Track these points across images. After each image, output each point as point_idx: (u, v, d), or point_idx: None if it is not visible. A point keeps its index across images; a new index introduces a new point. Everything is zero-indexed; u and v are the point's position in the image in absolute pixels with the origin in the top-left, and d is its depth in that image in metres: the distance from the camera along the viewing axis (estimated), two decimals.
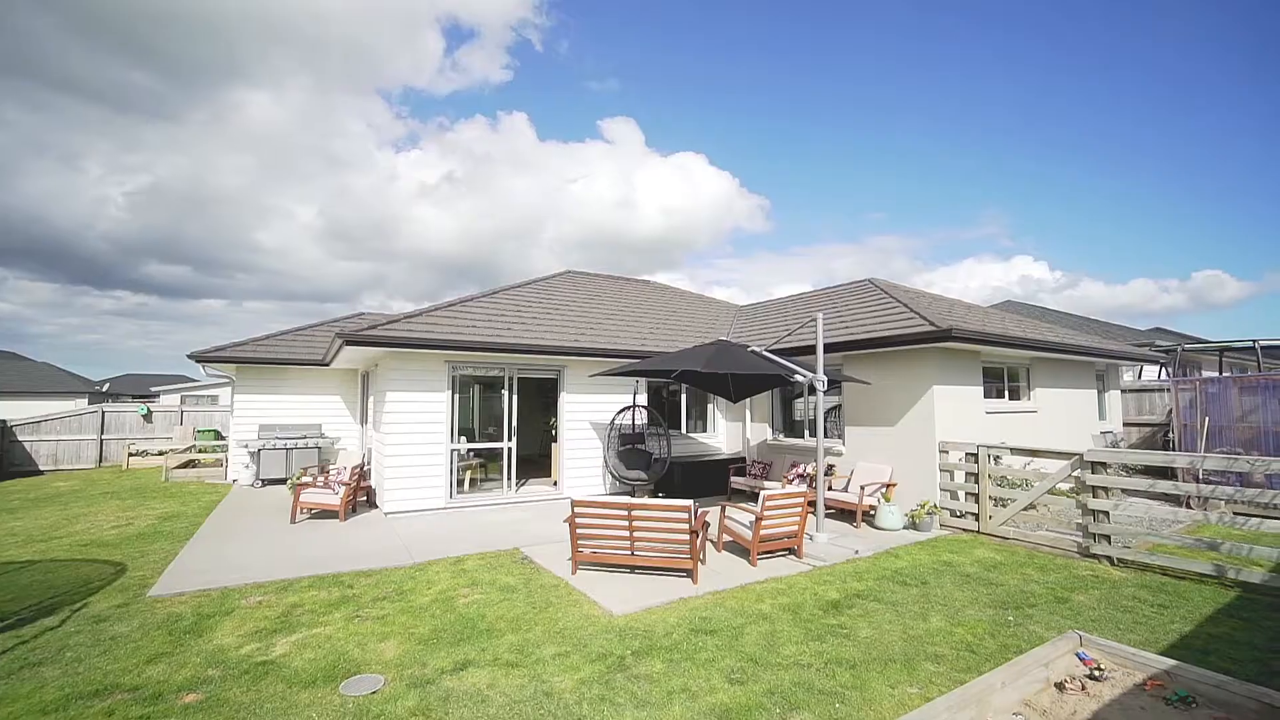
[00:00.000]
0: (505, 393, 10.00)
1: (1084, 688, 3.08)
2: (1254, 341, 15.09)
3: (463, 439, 9.84)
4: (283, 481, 11.77)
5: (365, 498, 9.72)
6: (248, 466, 12.13)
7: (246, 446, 11.75)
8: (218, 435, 20.41)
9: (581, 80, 51.55)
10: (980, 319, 10.64)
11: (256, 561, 6.50)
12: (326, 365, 12.19)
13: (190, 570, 6.20)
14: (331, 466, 10.57)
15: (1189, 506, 9.06)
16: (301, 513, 8.68)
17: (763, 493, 6.55)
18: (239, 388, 12.54)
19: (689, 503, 5.81)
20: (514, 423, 9.99)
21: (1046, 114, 43.76)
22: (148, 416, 18.77)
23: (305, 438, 12.11)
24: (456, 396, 9.62)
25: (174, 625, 4.76)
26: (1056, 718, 2.85)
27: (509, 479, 10.07)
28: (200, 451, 16.14)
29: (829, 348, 8.69)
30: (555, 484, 10.76)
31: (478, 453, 10.55)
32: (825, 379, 7.77)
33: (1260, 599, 5.31)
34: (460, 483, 9.80)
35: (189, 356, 11.85)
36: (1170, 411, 11.91)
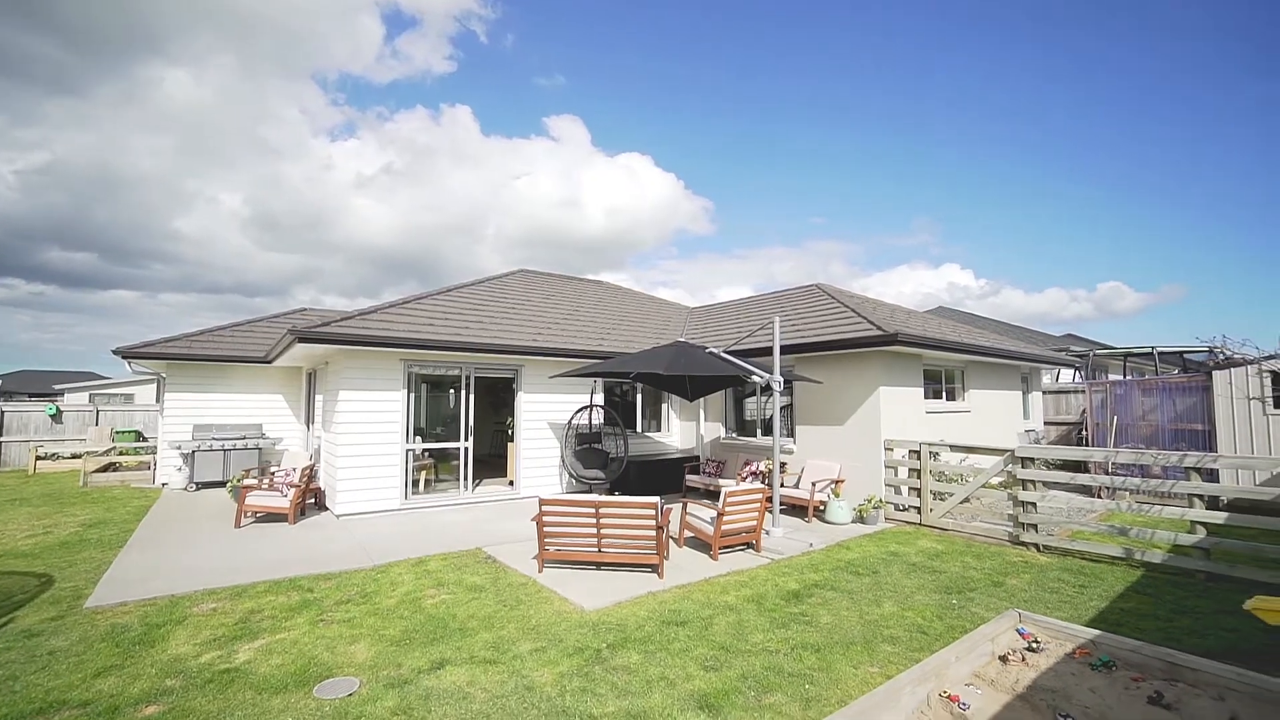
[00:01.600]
0: (463, 392, 9.87)
1: (1024, 659, 3.43)
2: (1153, 348, 16.70)
3: (418, 439, 9.65)
4: (220, 485, 11.17)
5: (314, 500, 9.38)
6: (180, 469, 11.43)
7: (179, 448, 11.08)
8: (139, 436, 19.09)
9: (528, 75, 50.76)
10: (920, 324, 11.32)
11: (204, 567, 6.20)
12: (269, 363, 11.64)
13: (130, 579, 5.85)
14: (274, 468, 10.12)
15: (1100, 496, 9.97)
16: (246, 516, 8.29)
17: (724, 489, 6.78)
18: (170, 386, 11.80)
19: (656, 499, 5.97)
20: (471, 422, 9.87)
21: (977, 126, 46.61)
22: (57, 416, 17.34)
23: (245, 438, 11.53)
24: (412, 396, 9.43)
25: (120, 636, 4.51)
26: (1002, 686, 3.16)
27: (466, 479, 9.94)
28: (122, 454, 15.05)
29: (782, 350, 9.06)
30: (512, 484, 10.71)
31: (433, 453, 10.35)
32: (781, 379, 8.11)
33: (1161, 576, 5.97)
34: (415, 483, 9.61)
35: (115, 352, 11.05)
36: (1084, 411, 13.02)
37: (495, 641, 4.37)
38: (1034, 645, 3.58)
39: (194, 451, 11.04)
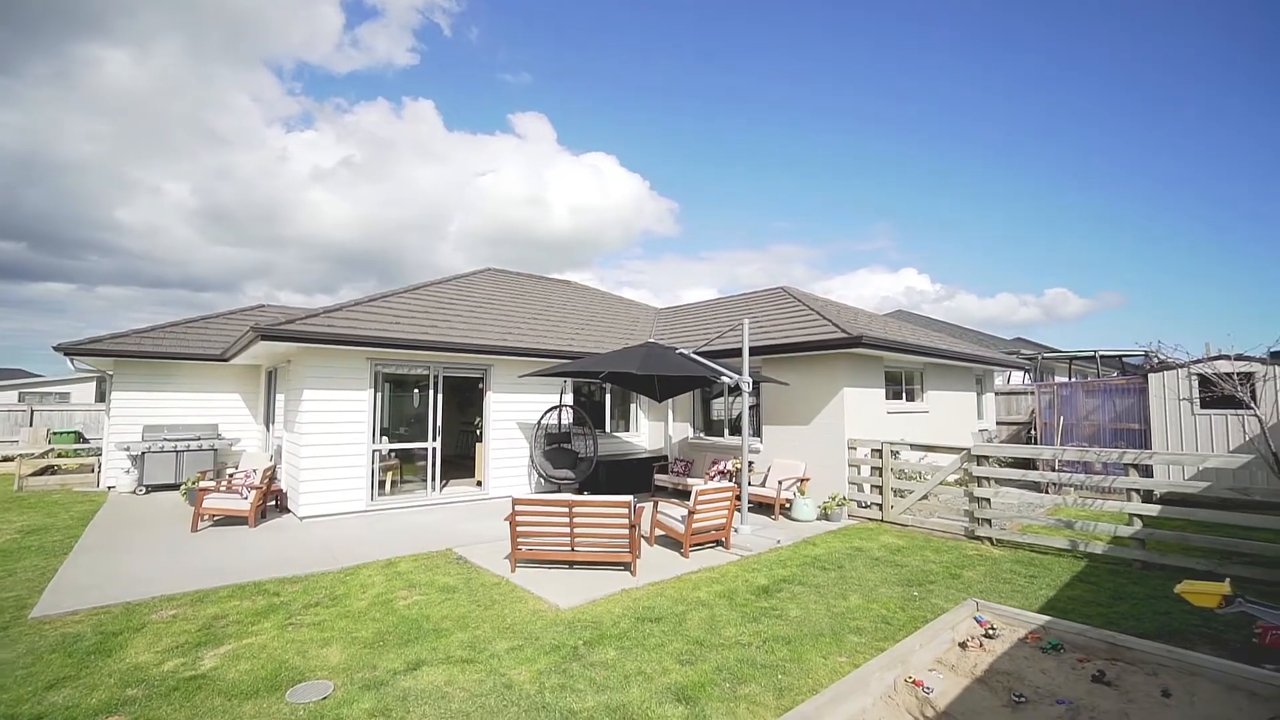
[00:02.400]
0: (431, 391, 9.74)
1: (982, 645, 3.64)
2: (1095, 351, 17.65)
3: (384, 439, 9.48)
4: (173, 487, 10.73)
5: (275, 502, 9.12)
6: (128, 472, 10.93)
7: (127, 450, 10.59)
8: (80, 437, 18.16)
9: (493, 71, 49.96)
10: (882, 327, 11.71)
11: (160, 573, 5.98)
12: (226, 361, 11.24)
13: (79, 586, 5.60)
14: (230, 470, 9.80)
15: (1049, 492, 10.50)
16: (204, 519, 8.01)
17: (695, 488, 6.91)
18: (119, 384, 11.26)
19: (629, 498, 6.05)
20: (439, 422, 9.76)
21: (936, 133, 48.20)
22: None
23: (199, 439, 11.10)
24: (379, 395, 9.26)
25: (73, 647, 4.33)
26: (962, 670, 3.36)
27: (433, 480, 9.82)
28: (61, 456, 14.28)
29: (750, 351, 9.25)
30: (480, 484, 10.62)
31: (399, 453, 10.18)
32: (750, 380, 8.30)
33: (1102, 566, 6.37)
34: (381, 484, 9.44)
35: (57, 349, 10.49)
36: (1033, 411, 13.68)
37: (471, 641, 4.38)
38: (990, 632, 3.80)
39: (144, 453, 10.57)
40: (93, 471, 12.11)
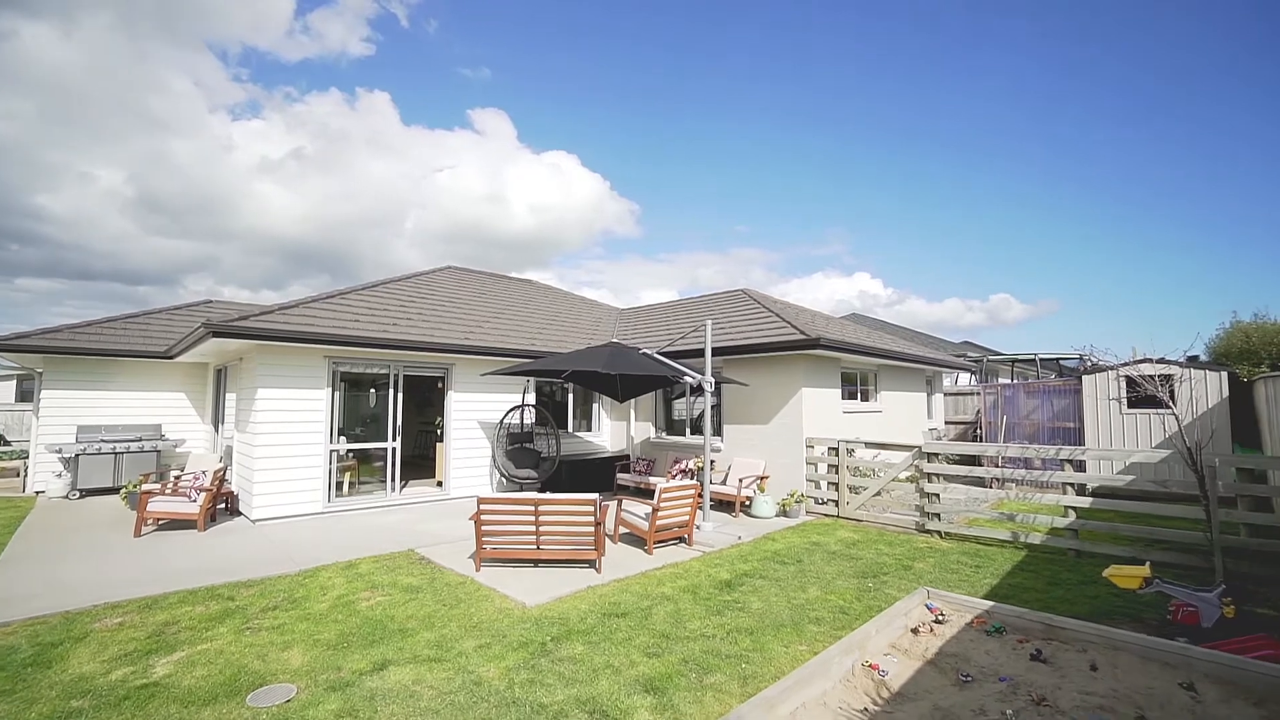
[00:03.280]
0: (391, 391, 9.57)
1: (932, 630, 3.86)
2: (1035, 355, 18.66)
3: (342, 439, 9.25)
4: (112, 491, 10.18)
5: (225, 505, 8.78)
6: (60, 475, 10.31)
7: (59, 451, 10.00)
8: (0, 440, 16.98)
9: (452, 65, 48.85)
10: (839, 329, 12.10)
11: (102, 580, 5.69)
12: (171, 359, 10.74)
13: (9, 596, 5.28)
14: (174, 472, 9.37)
15: (993, 487, 11.07)
16: (148, 524, 7.65)
17: (659, 486, 7.02)
18: (49, 382, 10.61)
19: (594, 496, 6.11)
20: (399, 422, 9.59)
21: (891, 135, 49.68)
22: None
23: (140, 440, 10.57)
24: (337, 394, 9.04)
25: (6, 659, 4.11)
26: (915, 654, 3.56)
27: (393, 480, 9.64)
28: None
29: (712, 352, 9.44)
30: (440, 484, 10.48)
31: (357, 454, 9.95)
32: (713, 380, 8.47)
33: (1041, 555, 6.79)
34: (338, 485, 9.21)
35: None
36: (979, 411, 14.38)
37: (438, 640, 4.36)
38: (940, 618, 4.03)
39: (78, 455, 10.00)
40: (18, 475, 11.37)
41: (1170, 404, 6.31)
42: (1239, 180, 43.89)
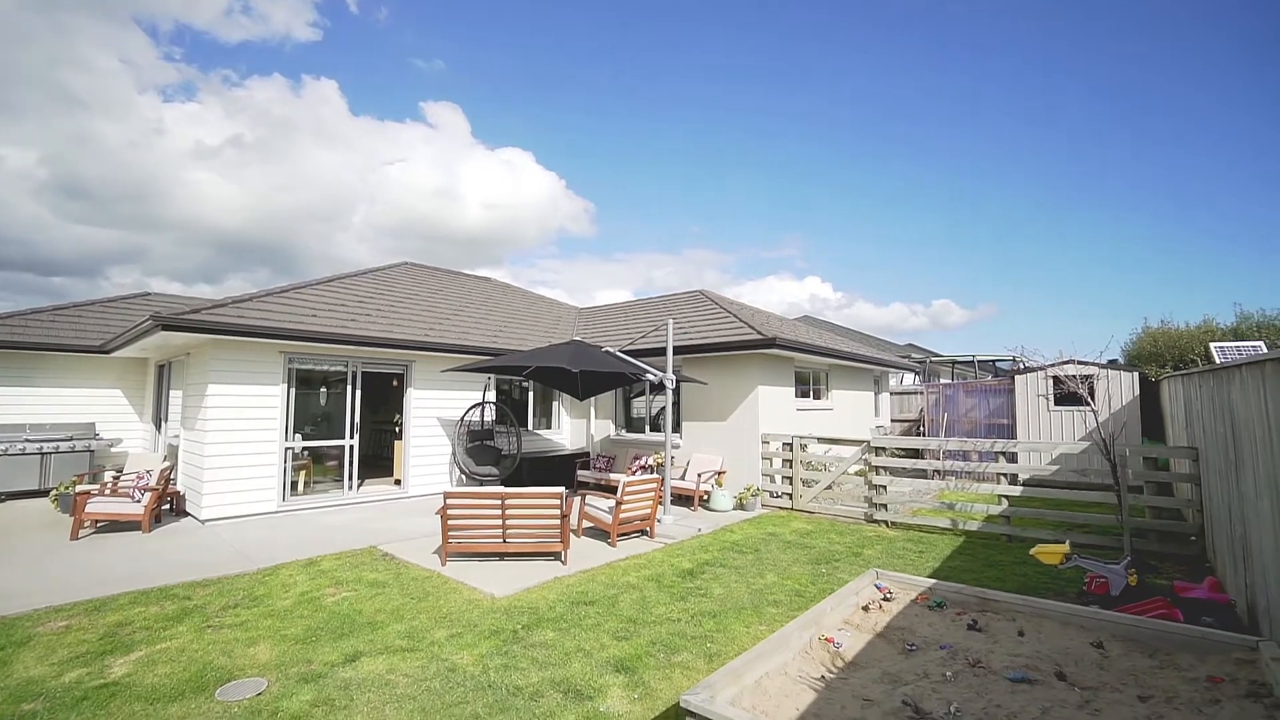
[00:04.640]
0: (349, 387, 9.39)
1: (881, 606, 4.17)
2: (973, 356, 19.78)
3: (297, 437, 9.02)
4: (39, 494, 9.59)
5: (170, 505, 8.43)
6: None
7: None
8: None
9: (403, 55, 47.32)
10: (793, 330, 12.57)
11: (39, 584, 5.43)
12: (108, 354, 10.19)
13: None
14: (111, 472, 8.92)
15: (935, 479, 11.75)
16: (85, 526, 7.29)
17: (623, 480, 7.20)
18: None
19: (561, 489, 6.23)
20: (357, 419, 9.43)
21: (845, 144, 51.15)
22: None
23: (71, 439, 9.98)
24: (292, 391, 8.81)
25: None
26: (866, 628, 3.86)
27: (350, 479, 9.46)
28: None
29: (673, 351, 9.67)
30: (398, 482, 10.35)
31: (313, 452, 9.72)
32: (674, 378, 8.70)
33: (977, 540, 7.32)
34: (293, 484, 8.98)
35: None
36: (922, 409, 15.18)
37: (409, 631, 4.40)
38: (888, 596, 4.36)
39: None
40: None
41: (1090, 401, 6.92)
42: (1154, 195, 47.31)
